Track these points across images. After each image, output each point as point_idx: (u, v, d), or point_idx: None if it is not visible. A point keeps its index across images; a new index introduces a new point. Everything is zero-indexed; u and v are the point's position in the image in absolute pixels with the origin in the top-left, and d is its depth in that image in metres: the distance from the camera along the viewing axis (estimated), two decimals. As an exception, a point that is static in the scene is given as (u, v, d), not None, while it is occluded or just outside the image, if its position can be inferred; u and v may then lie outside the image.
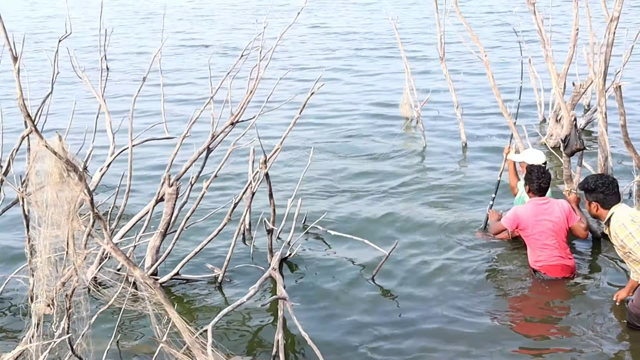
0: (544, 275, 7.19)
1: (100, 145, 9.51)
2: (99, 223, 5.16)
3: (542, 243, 7.19)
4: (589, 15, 9.36)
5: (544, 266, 7.20)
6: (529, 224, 7.21)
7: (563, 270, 7.19)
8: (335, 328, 6.60)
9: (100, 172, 7.95)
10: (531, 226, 7.21)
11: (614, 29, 8.11)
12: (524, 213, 7.27)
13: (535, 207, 7.28)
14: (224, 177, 10.08)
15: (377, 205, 9.48)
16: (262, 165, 7.51)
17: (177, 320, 5.25)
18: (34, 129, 4.57)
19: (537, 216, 7.21)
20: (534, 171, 7.37)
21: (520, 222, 7.25)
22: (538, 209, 7.26)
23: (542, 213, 7.24)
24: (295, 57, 19.88)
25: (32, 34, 22.95)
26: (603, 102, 8.58)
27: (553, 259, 7.18)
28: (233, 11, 31.54)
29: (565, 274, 7.21)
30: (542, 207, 7.28)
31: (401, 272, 7.58)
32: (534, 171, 7.37)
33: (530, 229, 7.22)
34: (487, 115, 13.52)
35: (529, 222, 7.21)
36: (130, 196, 7.95)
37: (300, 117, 7.71)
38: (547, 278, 7.18)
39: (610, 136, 9.09)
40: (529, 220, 7.22)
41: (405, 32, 21.66)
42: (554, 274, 7.17)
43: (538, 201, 7.32)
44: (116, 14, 30.54)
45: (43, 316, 5.23)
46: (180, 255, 7.52)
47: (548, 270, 7.19)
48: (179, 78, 17.68)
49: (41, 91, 7.06)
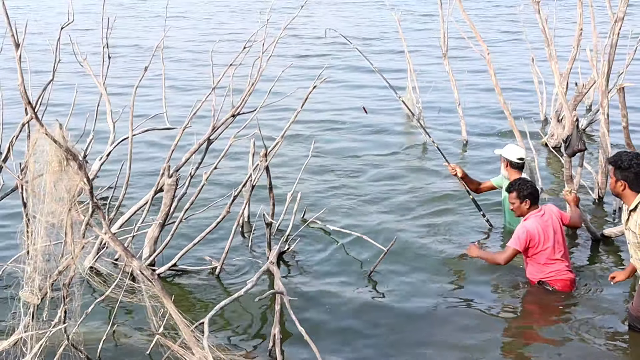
0: (551, 287, 6.99)
1: (101, 134, 9.46)
2: (98, 212, 5.14)
3: (552, 258, 6.97)
4: (593, 15, 9.33)
5: (554, 280, 6.99)
6: (541, 240, 6.96)
7: (572, 284, 7.03)
8: (333, 323, 6.58)
9: (100, 161, 7.92)
10: (543, 242, 6.96)
11: (619, 30, 8.08)
12: (534, 229, 6.99)
13: (539, 221, 7.04)
14: (224, 169, 10.05)
15: (376, 201, 9.46)
16: (263, 158, 7.49)
17: (173, 312, 5.23)
18: (34, 116, 4.55)
19: (545, 229, 6.99)
20: (514, 185, 7.22)
21: (532, 239, 6.96)
22: (542, 222, 7.03)
23: (546, 225, 7.03)
24: (296, 48, 19.82)
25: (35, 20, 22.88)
26: (605, 103, 8.56)
27: (562, 273, 6.99)
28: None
29: (572, 288, 7.03)
30: (543, 218, 7.06)
31: (399, 269, 7.56)
32: (514, 185, 7.22)
33: (541, 245, 6.97)
34: (488, 113, 13.49)
35: (540, 238, 6.96)
36: (130, 185, 7.91)
37: (302, 111, 7.67)
38: (552, 288, 7.00)
39: (612, 137, 9.06)
40: (540, 236, 6.96)
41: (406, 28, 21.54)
42: (564, 288, 6.98)
43: (537, 213, 7.10)
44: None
45: (39, 305, 5.21)
46: (178, 246, 7.49)
47: (557, 283, 6.98)
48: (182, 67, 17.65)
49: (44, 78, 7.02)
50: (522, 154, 8.06)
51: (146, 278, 5.25)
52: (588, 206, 8.99)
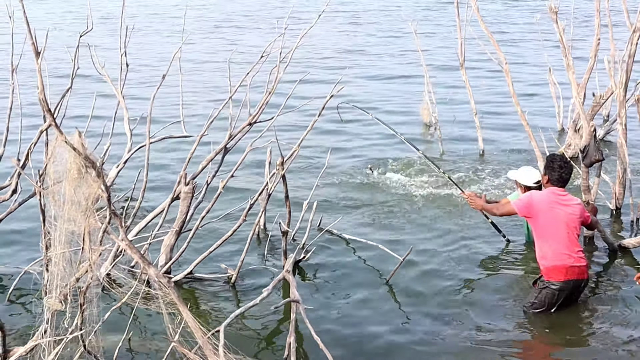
0: (550, 283, 6.72)
1: (118, 141, 9.51)
2: (115, 220, 5.17)
3: (551, 233, 6.72)
4: (610, 25, 9.30)
5: (547, 268, 6.74)
6: (541, 210, 6.76)
7: (568, 273, 6.68)
8: (348, 333, 6.57)
9: (117, 168, 7.96)
10: (543, 213, 6.75)
11: (637, 40, 8.06)
12: (539, 198, 6.83)
13: (552, 195, 6.85)
14: (240, 177, 10.07)
15: (392, 210, 9.43)
16: (279, 167, 7.50)
17: (189, 319, 5.24)
18: (54, 123, 4.57)
19: (551, 204, 6.77)
20: (556, 160, 6.93)
21: (533, 207, 6.78)
22: (555, 198, 6.82)
23: (558, 202, 6.80)
24: (315, 59, 19.85)
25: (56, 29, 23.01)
26: (623, 113, 8.52)
27: (558, 257, 6.69)
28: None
29: (570, 277, 6.70)
30: (560, 197, 6.84)
31: (415, 278, 7.54)
32: (556, 160, 6.93)
33: (541, 217, 6.76)
34: (506, 123, 13.44)
35: (541, 208, 6.76)
36: (147, 189, 7.94)
37: (318, 121, 7.68)
38: (556, 286, 6.70)
39: (630, 148, 9.01)
40: (542, 206, 6.77)
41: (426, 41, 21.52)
42: (558, 277, 6.68)
43: (556, 191, 6.88)
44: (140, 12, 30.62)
45: (56, 311, 5.24)
46: (194, 254, 7.51)
47: (551, 274, 6.72)
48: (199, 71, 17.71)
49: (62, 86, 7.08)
50: (538, 176, 7.75)
51: (162, 285, 5.26)
52: (605, 217, 8.94)
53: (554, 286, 6.72)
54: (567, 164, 6.93)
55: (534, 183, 7.72)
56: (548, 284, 6.76)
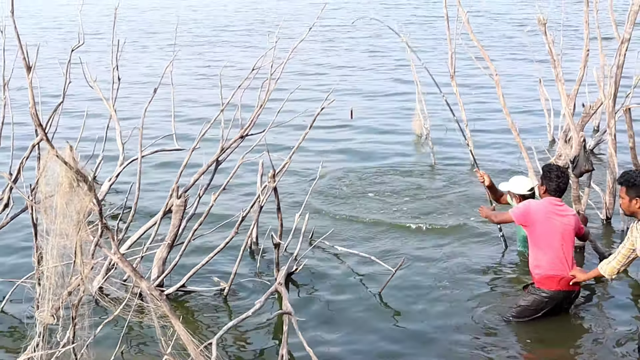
0: (541, 291, 6.76)
1: (110, 154, 9.54)
2: (107, 233, 5.18)
3: (547, 243, 6.76)
4: (600, 37, 9.36)
5: (541, 277, 6.77)
6: (538, 220, 6.79)
7: (560, 283, 6.71)
8: (340, 344, 6.59)
9: (109, 182, 7.98)
10: (540, 223, 6.77)
11: (625, 51, 8.12)
12: (537, 208, 6.87)
13: (549, 205, 6.88)
14: (232, 190, 10.09)
15: (385, 222, 9.46)
16: (271, 179, 7.53)
17: (182, 332, 5.25)
18: (45, 138, 4.60)
19: (548, 214, 6.80)
20: (553, 170, 6.97)
21: (530, 216, 6.82)
22: (552, 208, 6.86)
23: (554, 213, 6.83)
24: (307, 69, 19.90)
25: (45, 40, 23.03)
26: (613, 123, 8.58)
27: (552, 267, 6.72)
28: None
29: (562, 288, 6.74)
30: (557, 207, 6.88)
31: (408, 289, 7.56)
32: (553, 170, 6.97)
33: (538, 226, 6.80)
34: (496, 134, 13.50)
35: (538, 218, 6.79)
36: (139, 203, 7.95)
37: (309, 133, 7.71)
38: (547, 295, 6.74)
39: (619, 158, 9.05)
40: (539, 216, 6.79)
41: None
42: (550, 286, 6.73)
43: (553, 201, 6.91)
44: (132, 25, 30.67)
45: (48, 325, 5.24)
46: (187, 267, 7.52)
47: (544, 283, 6.75)
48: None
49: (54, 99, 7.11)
50: (531, 183, 7.82)
51: (155, 298, 5.27)
52: (596, 226, 8.98)
53: (545, 294, 6.75)
54: (564, 174, 6.98)
55: (528, 191, 7.76)
56: (539, 292, 6.79)
